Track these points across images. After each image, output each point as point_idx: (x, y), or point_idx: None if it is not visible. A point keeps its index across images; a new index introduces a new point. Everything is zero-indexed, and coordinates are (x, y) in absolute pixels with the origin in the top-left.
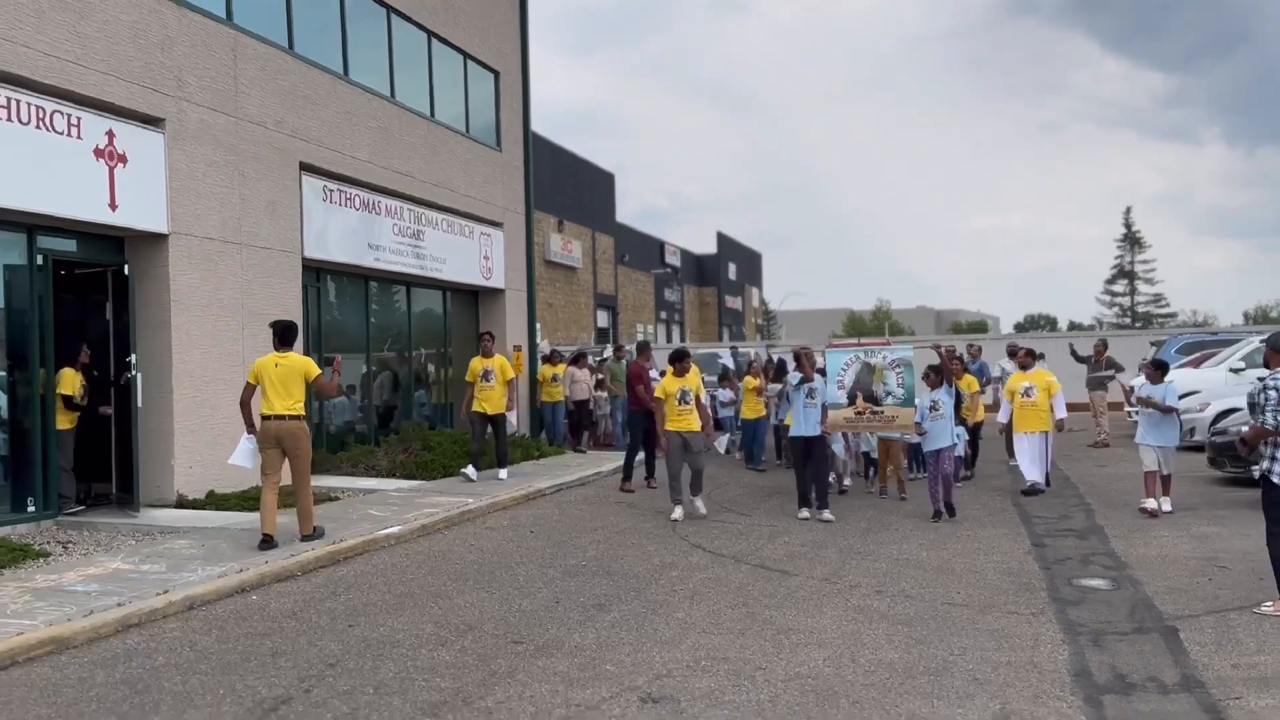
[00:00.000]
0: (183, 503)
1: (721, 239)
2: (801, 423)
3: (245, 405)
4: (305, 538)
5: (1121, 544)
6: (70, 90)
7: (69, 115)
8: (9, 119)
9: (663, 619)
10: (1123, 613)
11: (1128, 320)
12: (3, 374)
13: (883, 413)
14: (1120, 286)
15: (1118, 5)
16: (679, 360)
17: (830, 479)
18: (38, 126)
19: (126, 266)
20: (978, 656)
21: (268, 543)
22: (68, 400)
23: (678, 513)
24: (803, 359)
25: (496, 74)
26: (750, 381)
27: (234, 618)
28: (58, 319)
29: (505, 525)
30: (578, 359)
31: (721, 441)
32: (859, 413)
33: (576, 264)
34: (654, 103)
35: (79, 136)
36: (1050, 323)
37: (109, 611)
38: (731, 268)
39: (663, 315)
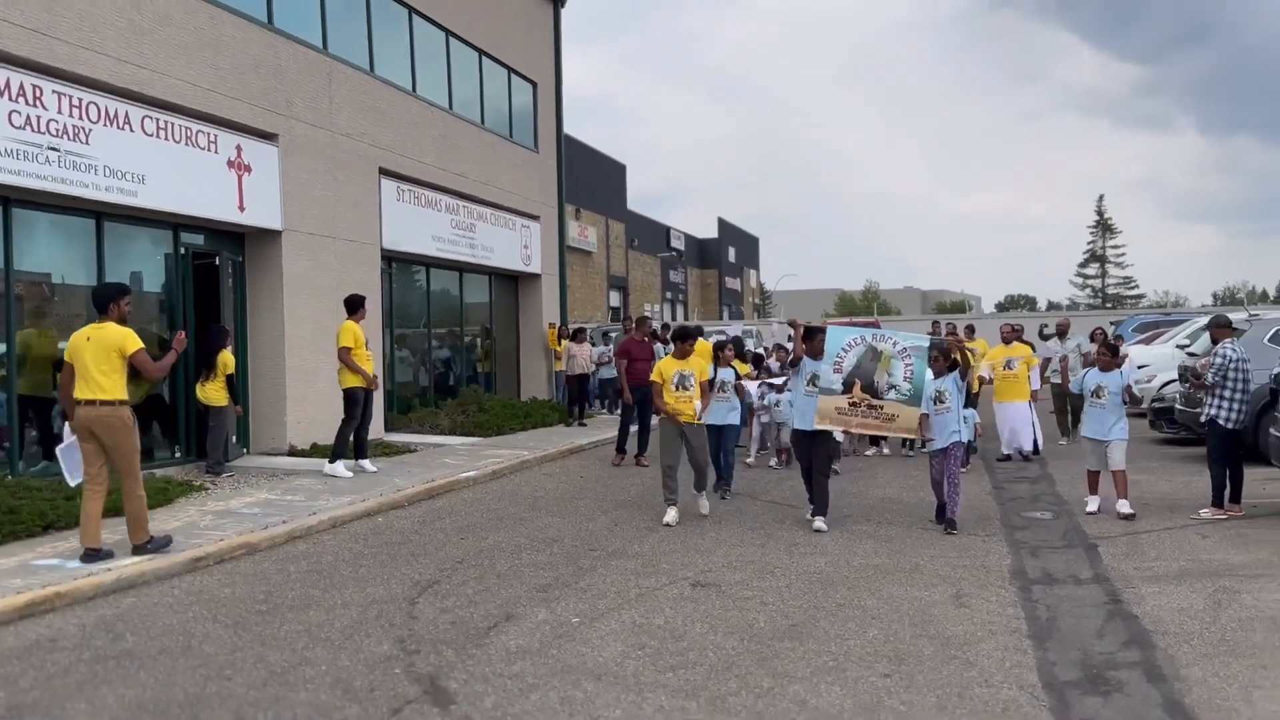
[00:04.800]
0: (294, 451)
1: (722, 224)
2: (801, 415)
3: (65, 391)
4: (138, 548)
5: (1066, 488)
6: (210, 113)
7: (209, 134)
8: (165, 139)
9: (699, 536)
10: (1057, 534)
11: (1099, 301)
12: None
13: (882, 409)
14: (1092, 270)
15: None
16: (681, 340)
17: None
18: (186, 144)
19: (232, 259)
20: (942, 562)
21: (92, 556)
22: (230, 379)
23: (670, 515)
24: (797, 334)
25: (534, 85)
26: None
27: (370, 533)
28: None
29: (558, 472)
30: (576, 334)
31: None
32: (853, 404)
33: (592, 249)
34: (651, 90)
35: (216, 151)
36: (1029, 302)
37: (278, 527)
38: (731, 251)
39: (668, 295)
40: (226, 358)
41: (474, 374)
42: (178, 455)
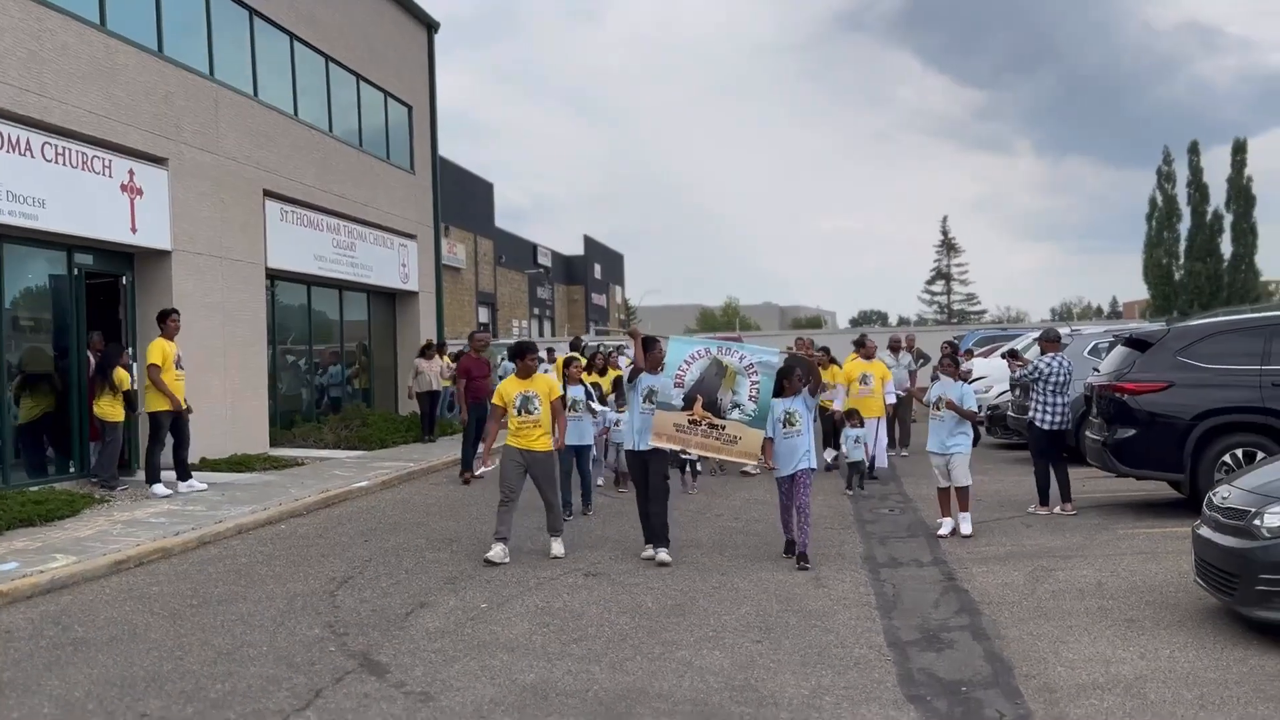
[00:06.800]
0: None
1: (588, 241)
2: (636, 433)
3: None
4: None
5: (911, 489)
6: (104, 139)
7: (104, 159)
8: (64, 164)
9: (585, 534)
10: (903, 526)
11: (945, 316)
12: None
13: (724, 429)
14: (938, 287)
15: (935, 26)
16: (520, 357)
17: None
18: (82, 169)
19: (126, 278)
20: None
21: None
22: (127, 395)
23: (494, 552)
24: (636, 341)
25: (410, 108)
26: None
27: (276, 538)
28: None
29: (445, 481)
30: (424, 350)
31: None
32: (693, 421)
33: (461, 265)
34: (513, 107)
35: (110, 175)
36: (881, 318)
37: (189, 533)
38: (597, 268)
39: (536, 311)
40: (121, 374)
41: (354, 389)
42: (72, 470)
